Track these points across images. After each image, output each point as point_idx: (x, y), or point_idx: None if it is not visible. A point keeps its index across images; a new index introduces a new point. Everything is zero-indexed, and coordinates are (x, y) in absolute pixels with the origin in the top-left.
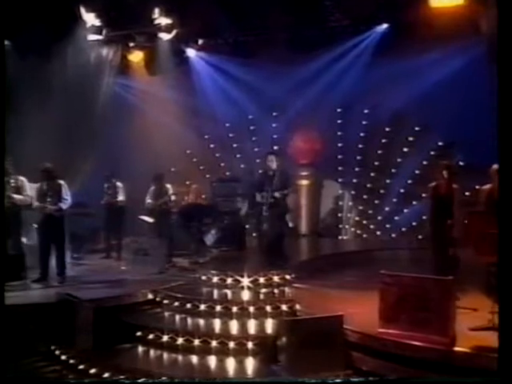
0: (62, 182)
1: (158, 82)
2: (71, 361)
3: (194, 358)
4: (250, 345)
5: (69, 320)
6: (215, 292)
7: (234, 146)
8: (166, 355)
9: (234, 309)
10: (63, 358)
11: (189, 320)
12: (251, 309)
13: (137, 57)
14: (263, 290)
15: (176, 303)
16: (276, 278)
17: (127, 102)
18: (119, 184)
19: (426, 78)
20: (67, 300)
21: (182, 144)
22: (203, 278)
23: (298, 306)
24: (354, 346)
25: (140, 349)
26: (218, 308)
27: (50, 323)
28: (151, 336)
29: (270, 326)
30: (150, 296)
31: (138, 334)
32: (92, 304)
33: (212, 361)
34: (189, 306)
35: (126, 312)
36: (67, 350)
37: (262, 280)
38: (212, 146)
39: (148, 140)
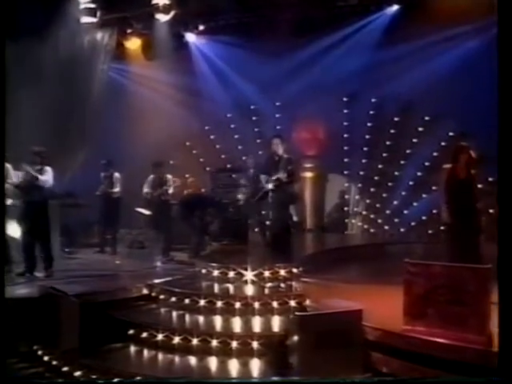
0: (48, 168)
1: (155, 67)
2: (54, 362)
3: (193, 360)
4: (255, 344)
5: (53, 317)
6: (216, 286)
7: (236, 137)
8: (161, 356)
9: (237, 304)
10: (46, 358)
11: (187, 317)
12: (256, 304)
13: (134, 44)
14: (269, 285)
15: (173, 298)
16: (282, 272)
17: (124, 89)
18: (117, 174)
19: (437, 64)
20: (51, 294)
21: (180, 134)
22: (203, 271)
23: (307, 302)
24: (374, 345)
25: (132, 349)
26: (219, 304)
27: (32, 320)
28: (145, 334)
29: (277, 323)
30: (145, 291)
31: (131, 332)
32: (79, 299)
33: (212, 362)
34: (187, 301)
35: (118, 308)
36: (50, 350)
37: (267, 273)
38: (212, 137)
39: (145, 129)
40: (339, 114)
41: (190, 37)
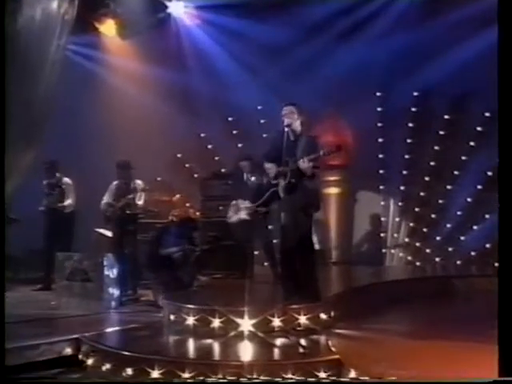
0: None
1: (130, 47)
2: None
3: None
4: None
5: None
6: (189, 344)
7: (239, 146)
8: None
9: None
10: None
11: None
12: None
13: (108, 27)
14: (280, 341)
15: (108, 365)
16: (303, 318)
17: (88, 72)
18: (67, 180)
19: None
20: None
21: (166, 140)
22: (172, 318)
23: (352, 373)
24: None
25: None
26: (188, 378)
27: None
28: None
29: None
30: (69, 350)
31: None
32: None
33: None
34: (130, 371)
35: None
36: None
37: (277, 322)
38: (209, 146)
39: (114, 124)
40: (371, 112)
41: (177, 6)
